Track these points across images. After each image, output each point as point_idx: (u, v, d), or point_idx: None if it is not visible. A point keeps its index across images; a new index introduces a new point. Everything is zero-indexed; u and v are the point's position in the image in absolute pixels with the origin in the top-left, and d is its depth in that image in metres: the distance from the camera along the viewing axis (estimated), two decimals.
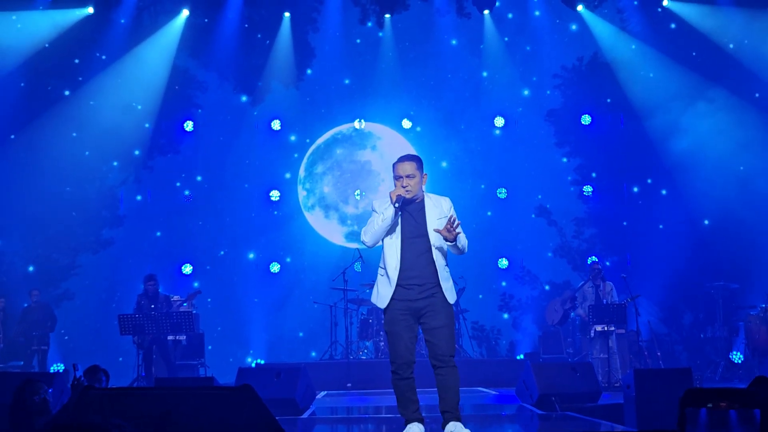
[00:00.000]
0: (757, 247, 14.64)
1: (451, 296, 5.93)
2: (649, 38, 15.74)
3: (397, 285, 5.88)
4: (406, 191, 5.91)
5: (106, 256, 15.84)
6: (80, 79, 15.53)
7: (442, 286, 5.91)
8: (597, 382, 9.32)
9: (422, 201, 6.03)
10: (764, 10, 15.00)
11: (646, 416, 7.75)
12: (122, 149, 15.86)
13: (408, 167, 5.95)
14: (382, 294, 5.96)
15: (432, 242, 5.92)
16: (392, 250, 5.94)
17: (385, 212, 5.91)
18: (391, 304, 5.92)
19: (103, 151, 15.61)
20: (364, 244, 6.03)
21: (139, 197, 16.12)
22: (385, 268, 5.97)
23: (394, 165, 6.04)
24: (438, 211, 6.00)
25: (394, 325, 5.90)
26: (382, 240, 5.98)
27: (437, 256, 5.93)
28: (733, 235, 14.74)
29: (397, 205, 5.86)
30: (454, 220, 5.79)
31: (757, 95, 15.12)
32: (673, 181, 15.64)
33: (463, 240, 5.94)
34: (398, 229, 5.97)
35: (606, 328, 12.26)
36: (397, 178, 5.98)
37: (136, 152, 16.02)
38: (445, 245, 5.95)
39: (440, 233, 5.83)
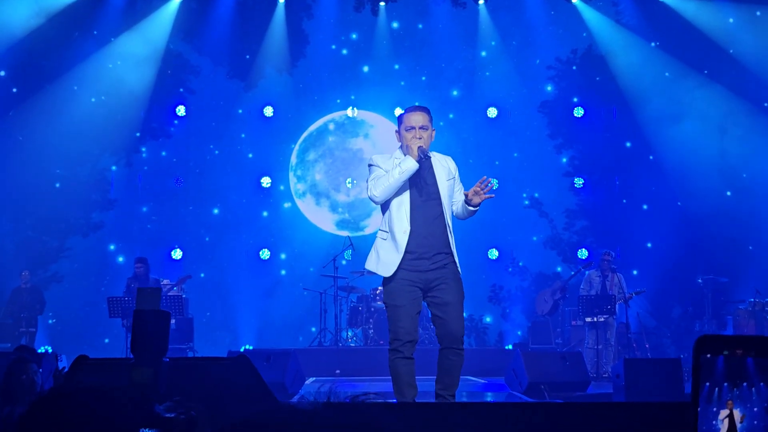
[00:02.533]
0: (747, 241, 14.69)
1: (460, 268, 5.34)
2: (644, 31, 15.73)
3: (406, 252, 5.15)
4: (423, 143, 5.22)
5: (96, 239, 15.78)
6: (72, 61, 15.37)
7: (455, 255, 5.30)
8: (586, 371, 9.36)
9: (430, 159, 5.31)
10: (760, 5, 15.01)
11: None
12: (113, 133, 15.75)
13: (420, 118, 5.34)
14: (386, 261, 5.18)
15: (444, 206, 5.25)
16: (401, 212, 5.19)
17: (402, 164, 5.16)
18: (398, 274, 5.17)
19: (94, 133, 15.48)
20: (373, 199, 5.30)
21: (129, 181, 16.04)
22: (390, 232, 5.22)
23: (401, 116, 5.44)
24: (446, 171, 5.38)
25: (400, 297, 5.17)
26: (388, 201, 5.25)
27: (449, 221, 5.26)
28: (723, 229, 14.76)
29: (426, 155, 5.17)
30: (489, 180, 5.22)
31: (750, 89, 15.14)
32: (664, 174, 15.65)
33: None
34: (407, 188, 5.23)
35: (596, 320, 12.26)
36: (408, 129, 5.34)
37: (128, 136, 15.92)
38: (453, 209, 5.38)
39: (468, 196, 5.24)
